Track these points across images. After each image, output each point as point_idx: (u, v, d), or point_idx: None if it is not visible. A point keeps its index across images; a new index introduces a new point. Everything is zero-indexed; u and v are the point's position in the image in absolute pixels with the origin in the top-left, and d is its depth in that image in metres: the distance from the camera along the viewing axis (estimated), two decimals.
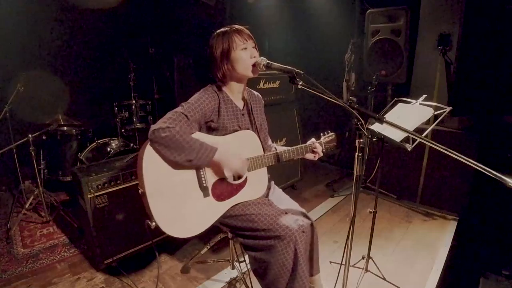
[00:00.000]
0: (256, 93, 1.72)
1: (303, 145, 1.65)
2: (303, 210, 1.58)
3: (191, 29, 4.44)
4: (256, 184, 1.56)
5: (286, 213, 1.49)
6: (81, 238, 2.45)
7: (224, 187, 1.48)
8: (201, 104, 1.41)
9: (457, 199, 2.79)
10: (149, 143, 1.32)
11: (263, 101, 1.74)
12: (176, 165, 1.36)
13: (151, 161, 1.33)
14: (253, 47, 1.48)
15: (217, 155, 1.36)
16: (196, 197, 1.41)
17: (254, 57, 1.47)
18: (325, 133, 1.74)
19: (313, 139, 1.70)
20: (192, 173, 1.41)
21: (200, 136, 1.41)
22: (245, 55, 1.45)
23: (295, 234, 1.38)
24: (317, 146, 1.66)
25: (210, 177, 1.45)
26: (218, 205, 1.46)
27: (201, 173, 1.42)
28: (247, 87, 1.63)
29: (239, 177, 1.49)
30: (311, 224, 1.51)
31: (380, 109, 2.04)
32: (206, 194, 1.42)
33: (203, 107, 1.41)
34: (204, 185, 1.42)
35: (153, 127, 1.30)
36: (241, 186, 1.51)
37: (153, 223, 1.34)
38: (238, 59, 1.45)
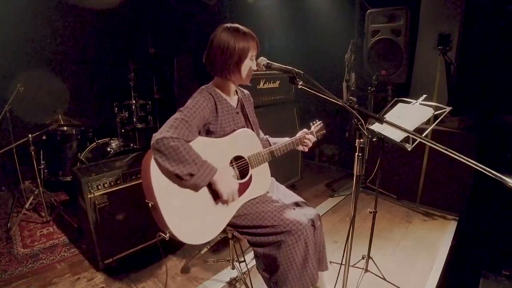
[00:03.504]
0: (245, 91, 1.71)
1: (296, 137, 1.69)
2: (308, 203, 1.60)
3: (191, 29, 4.45)
4: (261, 180, 1.58)
5: (294, 208, 1.50)
6: (81, 238, 2.45)
7: None
8: (199, 108, 1.38)
9: (457, 199, 2.79)
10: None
11: (252, 99, 1.74)
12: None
13: (159, 172, 1.30)
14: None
15: (216, 175, 1.33)
16: (207, 201, 1.41)
17: (255, 69, 1.48)
18: (314, 122, 1.81)
19: (305, 130, 1.74)
20: None
21: (202, 141, 1.40)
22: (253, 66, 1.46)
23: (305, 228, 1.39)
24: (310, 137, 1.72)
25: None
26: (229, 206, 1.46)
27: None
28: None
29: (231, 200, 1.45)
30: (318, 216, 1.53)
31: (380, 109, 2.04)
32: (216, 197, 1.41)
33: (201, 111, 1.38)
34: (213, 187, 1.40)
35: (156, 136, 1.25)
36: (248, 184, 1.52)
37: (167, 234, 1.33)
38: (246, 67, 1.44)
